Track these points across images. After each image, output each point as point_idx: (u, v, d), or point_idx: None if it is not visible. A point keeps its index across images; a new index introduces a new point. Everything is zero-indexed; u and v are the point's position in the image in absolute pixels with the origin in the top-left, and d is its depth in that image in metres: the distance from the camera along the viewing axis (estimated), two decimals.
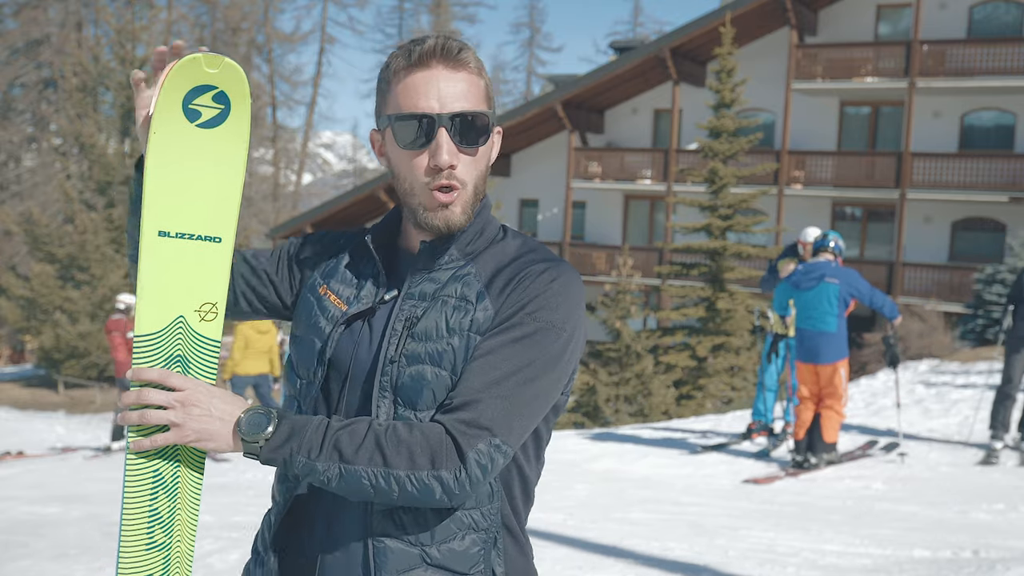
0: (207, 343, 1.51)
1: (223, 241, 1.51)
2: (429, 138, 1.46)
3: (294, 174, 50.44)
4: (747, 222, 19.59)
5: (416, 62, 1.47)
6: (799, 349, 7.96)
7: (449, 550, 1.47)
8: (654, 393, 16.77)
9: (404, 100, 1.47)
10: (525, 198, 28.62)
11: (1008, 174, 21.37)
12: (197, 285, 1.50)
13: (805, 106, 24.48)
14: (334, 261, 1.63)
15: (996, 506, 6.79)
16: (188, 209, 1.48)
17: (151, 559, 1.48)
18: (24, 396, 23.34)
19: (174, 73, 1.41)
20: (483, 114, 1.49)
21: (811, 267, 7.87)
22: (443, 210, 1.49)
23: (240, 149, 1.49)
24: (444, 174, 1.47)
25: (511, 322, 1.45)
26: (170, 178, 1.46)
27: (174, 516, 1.50)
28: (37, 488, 8.41)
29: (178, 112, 1.44)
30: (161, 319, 1.47)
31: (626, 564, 5.15)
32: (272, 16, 46.46)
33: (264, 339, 10.54)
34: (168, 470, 1.48)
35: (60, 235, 24.40)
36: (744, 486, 7.73)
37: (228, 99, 1.45)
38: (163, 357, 1.47)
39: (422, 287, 1.52)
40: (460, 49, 1.48)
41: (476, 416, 1.39)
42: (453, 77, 1.48)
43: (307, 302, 1.61)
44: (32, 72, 37.64)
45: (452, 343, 1.45)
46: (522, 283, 1.48)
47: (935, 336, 15.62)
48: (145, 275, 1.47)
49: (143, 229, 1.46)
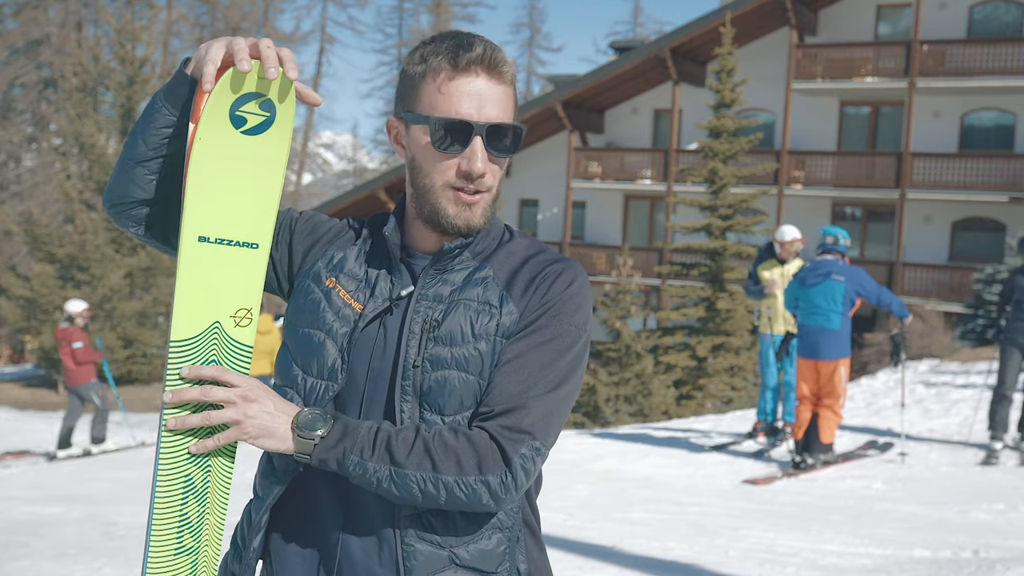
0: (241, 348, 1.50)
1: (260, 247, 1.51)
2: (464, 144, 1.48)
3: (294, 174, 50.45)
4: (747, 222, 19.59)
5: (463, 68, 1.48)
6: (801, 345, 7.93)
7: (478, 550, 1.50)
8: (654, 393, 16.77)
9: (446, 103, 1.48)
10: (525, 198, 28.63)
11: (1008, 174, 21.37)
12: (234, 291, 1.49)
13: (805, 106, 24.48)
14: (342, 253, 1.61)
15: (996, 506, 6.79)
16: (228, 215, 1.48)
17: (179, 563, 1.48)
18: (24, 396, 23.32)
19: (225, 79, 1.41)
20: (517, 127, 1.52)
21: (818, 264, 7.85)
22: (466, 211, 1.51)
23: (281, 156, 1.49)
24: (475, 182, 1.50)
25: (536, 325, 1.50)
26: (212, 184, 1.45)
27: (203, 521, 1.49)
28: (37, 488, 8.41)
29: (224, 118, 1.43)
30: (198, 324, 1.47)
31: (626, 564, 5.15)
32: (272, 16, 46.52)
33: (266, 340, 10.52)
34: (199, 475, 1.48)
35: (60, 235, 24.38)
36: (744, 486, 7.73)
37: (274, 106, 1.45)
38: (198, 362, 1.47)
39: (437, 288, 1.53)
40: (504, 62, 1.51)
41: (518, 421, 1.44)
42: (494, 89, 1.50)
43: (311, 293, 1.58)
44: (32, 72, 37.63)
45: (479, 347, 1.48)
46: (543, 286, 1.52)
47: (935, 336, 15.62)
48: (183, 280, 1.46)
49: (182, 234, 1.45)
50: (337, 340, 1.53)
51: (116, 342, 23.36)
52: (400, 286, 1.55)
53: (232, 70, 1.41)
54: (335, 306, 1.55)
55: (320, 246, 1.63)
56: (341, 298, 1.56)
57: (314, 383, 1.53)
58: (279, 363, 1.60)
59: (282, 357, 1.60)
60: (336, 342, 1.53)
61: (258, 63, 1.41)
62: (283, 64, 1.42)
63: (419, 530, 1.47)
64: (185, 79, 1.46)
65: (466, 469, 1.41)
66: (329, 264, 1.60)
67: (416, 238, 1.59)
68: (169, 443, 1.45)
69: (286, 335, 1.60)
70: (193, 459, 1.47)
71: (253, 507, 1.60)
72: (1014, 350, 8.33)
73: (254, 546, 1.56)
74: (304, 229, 1.65)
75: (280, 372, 1.59)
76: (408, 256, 1.59)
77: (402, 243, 1.59)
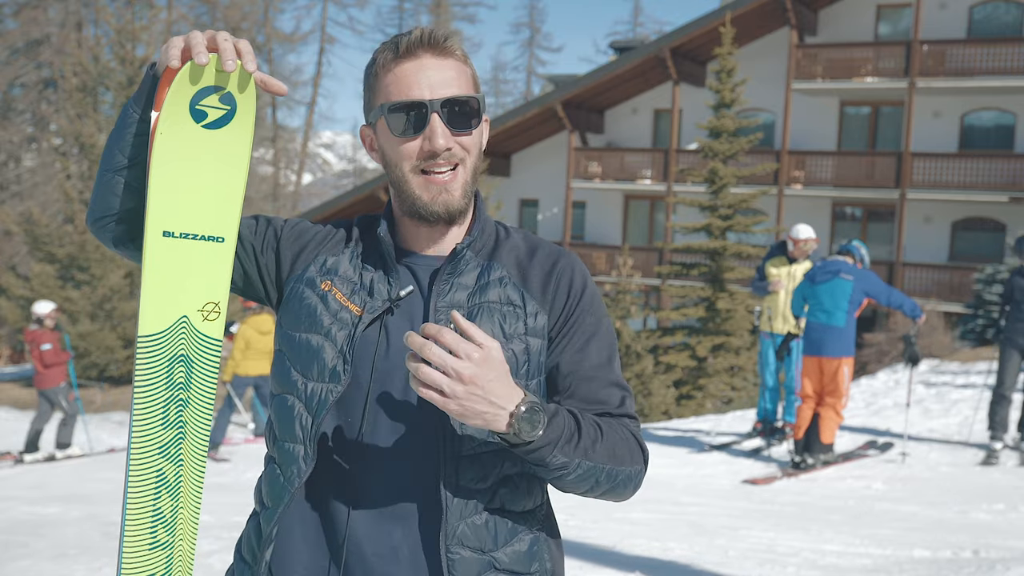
0: (210, 343, 1.50)
1: (226, 241, 1.50)
2: (422, 125, 1.48)
3: (294, 174, 50.43)
4: (747, 222, 19.59)
5: (404, 53, 1.49)
6: (806, 342, 7.95)
7: (514, 552, 1.52)
8: (654, 393, 16.76)
9: (395, 90, 1.49)
10: (525, 198, 28.62)
11: (1008, 174, 21.37)
12: (200, 285, 1.49)
13: (805, 106, 24.47)
14: (335, 258, 1.59)
15: (996, 506, 6.79)
16: (192, 210, 1.47)
17: (154, 558, 1.48)
18: (24, 396, 23.31)
19: (184, 73, 1.40)
20: (473, 98, 1.52)
21: (829, 263, 7.92)
22: (443, 194, 1.50)
23: (244, 150, 1.49)
24: (441, 156, 1.49)
25: (579, 322, 1.56)
26: (175, 179, 1.45)
27: (176, 515, 1.49)
28: (37, 488, 8.41)
29: (185, 113, 1.43)
30: (165, 319, 1.47)
31: (626, 564, 5.15)
32: (272, 16, 46.49)
33: (265, 340, 10.50)
34: (171, 469, 1.48)
35: (60, 235, 24.38)
36: (744, 486, 7.73)
37: (234, 100, 1.45)
38: (167, 357, 1.47)
39: (453, 295, 1.53)
40: (446, 38, 1.51)
41: (632, 411, 1.56)
42: (441, 65, 1.50)
43: (307, 298, 1.56)
44: (32, 72, 37.61)
45: (513, 348, 1.51)
46: (562, 282, 1.57)
47: (935, 336, 15.62)
48: (149, 275, 1.46)
49: (147, 229, 1.45)
50: (336, 343, 1.52)
51: (116, 342, 23.37)
52: (398, 287, 1.54)
53: (190, 64, 1.40)
54: (331, 309, 1.54)
55: (309, 251, 1.61)
56: (338, 301, 1.55)
57: (315, 387, 1.52)
58: (275, 370, 1.58)
59: (278, 364, 1.57)
60: (335, 345, 1.52)
61: (216, 56, 1.40)
62: (241, 57, 1.41)
63: (465, 537, 1.49)
64: (154, 83, 1.45)
65: (635, 459, 1.51)
66: (322, 268, 1.58)
67: (407, 236, 1.58)
68: (140, 439, 1.45)
69: (281, 342, 1.58)
70: (164, 454, 1.47)
71: (262, 519, 1.58)
72: (1014, 350, 8.34)
73: (266, 559, 1.55)
74: (291, 235, 1.63)
75: (278, 379, 1.57)
76: (402, 256, 1.58)
77: (394, 243, 1.59)
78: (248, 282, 1.64)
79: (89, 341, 23.25)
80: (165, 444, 1.47)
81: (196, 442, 1.50)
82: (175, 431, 1.47)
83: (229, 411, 10.51)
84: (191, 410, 1.49)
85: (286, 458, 1.54)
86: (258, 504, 1.61)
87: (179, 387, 1.48)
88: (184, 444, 1.49)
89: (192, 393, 1.49)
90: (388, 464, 1.51)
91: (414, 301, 1.54)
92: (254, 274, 1.63)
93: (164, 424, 1.46)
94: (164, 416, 1.47)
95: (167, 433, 1.47)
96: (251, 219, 1.65)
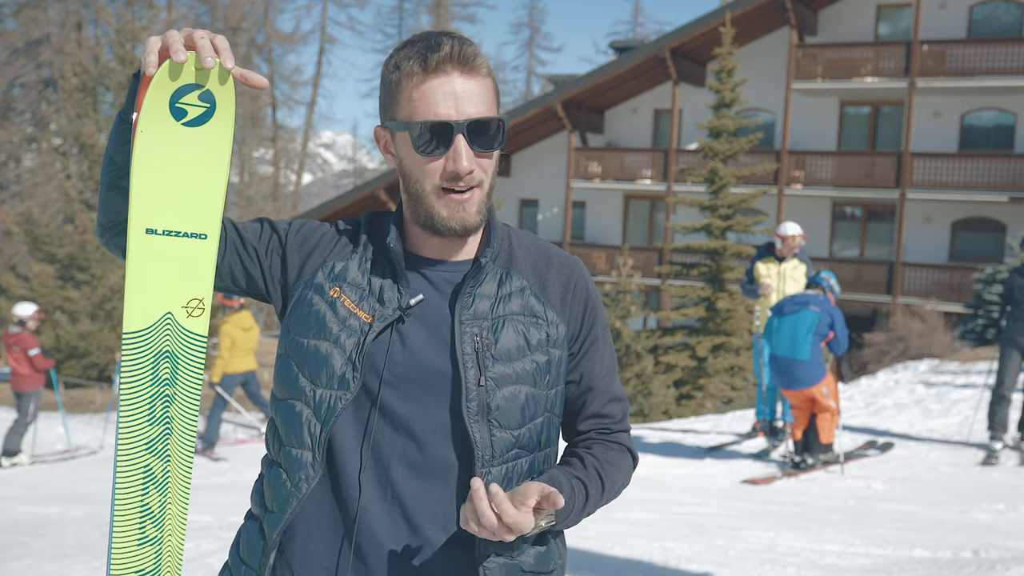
0: (195, 339, 1.51)
1: (209, 238, 1.51)
2: (447, 145, 1.48)
3: (294, 174, 50.43)
4: (747, 222, 19.60)
5: (434, 69, 1.48)
6: (776, 375, 7.99)
7: (537, 554, 1.57)
8: (654, 393, 16.77)
9: (421, 107, 1.48)
10: (525, 198, 28.62)
11: (1008, 174, 21.37)
12: (184, 281, 1.50)
13: (805, 106, 24.48)
14: (343, 263, 1.59)
15: (996, 506, 6.79)
16: (174, 207, 1.48)
17: (143, 554, 1.49)
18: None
19: (163, 71, 1.41)
20: (499, 120, 1.52)
21: (798, 296, 7.94)
22: (460, 211, 1.51)
23: (224, 147, 1.49)
24: (464, 180, 1.49)
25: (591, 333, 1.64)
26: (156, 176, 1.46)
27: (165, 511, 1.50)
28: (37, 488, 8.42)
29: (165, 111, 1.44)
30: (150, 316, 1.48)
31: (626, 564, 5.15)
32: (272, 16, 46.49)
33: (248, 336, 10.51)
34: (158, 465, 1.49)
35: (60, 235, 24.37)
36: (744, 486, 7.73)
37: (214, 97, 1.45)
38: (152, 353, 1.48)
39: (477, 306, 1.54)
40: (475, 55, 1.49)
41: (627, 423, 1.71)
42: (468, 83, 1.49)
43: (315, 305, 1.55)
44: (32, 72, 37.61)
45: (536, 359, 1.55)
46: (578, 294, 1.63)
47: (935, 336, 15.63)
48: (133, 272, 1.47)
49: (130, 227, 1.46)
50: (345, 350, 1.52)
51: (116, 342, 23.35)
52: (408, 295, 1.54)
53: (169, 62, 1.40)
54: (340, 316, 1.54)
55: (316, 255, 1.60)
56: (346, 307, 1.54)
57: (324, 393, 1.52)
58: (280, 375, 1.57)
59: (284, 369, 1.56)
60: (344, 352, 1.51)
61: (194, 54, 1.41)
62: (219, 54, 1.41)
63: (495, 547, 1.51)
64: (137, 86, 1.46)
65: (627, 476, 1.69)
66: (331, 274, 1.58)
67: (417, 243, 1.58)
68: (127, 435, 1.46)
69: (288, 347, 1.57)
70: (152, 450, 1.48)
71: (266, 523, 1.57)
72: (1014, 350, 8.34)
73: (269, 564, 1.55)
74: (296, 240, 1.62)
75: (284, 384, 1.56)
76: (412, 261, 1.58)
77: (404, 250, 1.58)
78: (252, 284, 1.63)
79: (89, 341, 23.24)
80: (152, 440, 1.48)
81: (183, 438, 1.51)
82: (162, 427, 1.48)
83: (220, 410, 10.51)
84: (177, 406, 1.50)
85: (293, 464, 1.53)
86: (258, 508, 1.61)
87: (164, 383, 1.49)
88: (171, 440, 1.49)
89: (178, 389, 1.50)
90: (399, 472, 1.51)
91: (431, 308, 1.54)
92: (258, 277, 1.62)
93: (151, 420, 1.47)
94: (150, 412, 1.48)
95: (154, 429, 1.48)
96: (255, 223, 1.65)
